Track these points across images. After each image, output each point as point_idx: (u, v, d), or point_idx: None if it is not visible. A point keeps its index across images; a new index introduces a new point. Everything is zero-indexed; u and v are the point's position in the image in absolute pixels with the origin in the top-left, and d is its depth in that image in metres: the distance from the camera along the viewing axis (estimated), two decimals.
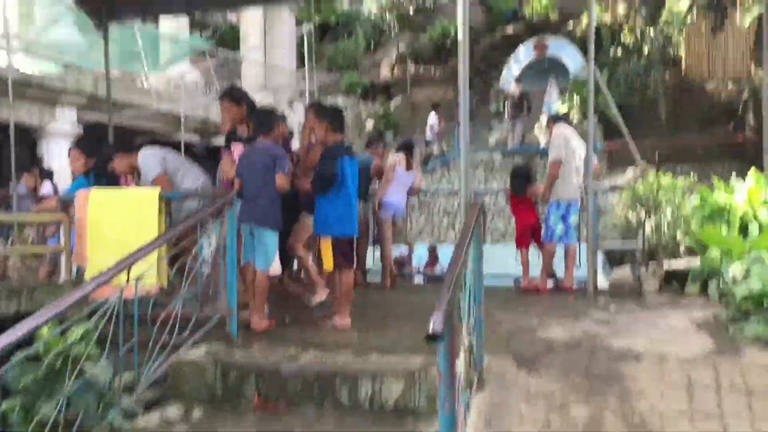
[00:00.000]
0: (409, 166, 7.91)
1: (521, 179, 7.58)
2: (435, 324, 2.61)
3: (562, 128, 7.30)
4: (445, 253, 17.34)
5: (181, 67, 16.57)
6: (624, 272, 7.27)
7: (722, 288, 6.40)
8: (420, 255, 15.63)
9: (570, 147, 7.11)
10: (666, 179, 6.56)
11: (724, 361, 3.94)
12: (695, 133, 18.60)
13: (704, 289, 6.72)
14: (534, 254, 7.43)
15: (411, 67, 21.83)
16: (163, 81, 16.43)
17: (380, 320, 5.57)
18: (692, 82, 19.73)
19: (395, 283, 7.91)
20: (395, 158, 7.86)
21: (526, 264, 7.29)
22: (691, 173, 17.41)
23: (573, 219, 7.08)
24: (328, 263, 5.22)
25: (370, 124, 20.09)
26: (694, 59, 20.00)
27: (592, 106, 6.84)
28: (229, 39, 23.02)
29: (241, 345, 4.62)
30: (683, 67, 20.06)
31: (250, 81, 20.96)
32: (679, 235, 6.48)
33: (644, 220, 6.54)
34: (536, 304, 6.08)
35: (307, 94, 18.92)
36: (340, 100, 20.97)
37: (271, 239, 5.12)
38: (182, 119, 15.09)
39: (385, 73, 22.31)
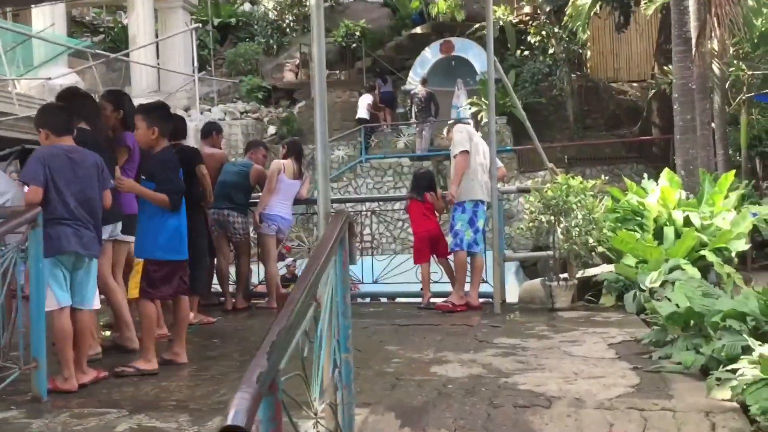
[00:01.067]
0: (296, 173, 6.98)
1: (422, 182, 6.77)
2: (236, 413, 1.68)
3: (462, 127, 6.57)
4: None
5: (56, 70, 15.06)
6: (535, 284, 6.57)
7: (639, 299, 5.78)
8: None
9: (473, 142, 6.38)
10: (575, 181, 5.86)
11: (651, 404, 3.19)
12: (603, 135, 18.44)
13: (620, 299, 6.11)
14: (435, 269, 6.65)
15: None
16: (35, 86, 14.89)
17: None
18: (598, 81, 19.62)
19: (283, 302, 6.94)
20: (278, 164, 6.91)
21: (426, 280, 6.47)
22: (602, 176, 17.37)
23: (481, 223, 6.32)
24: (133, 290, 4.24)
25: (272, 130, 19.01)
26: (600, 58, 19.91)
27: (492, 103, 6.11)
28: (123, 41, 21.47)
29: (50, 409, 3.56)
30: (589, 66, 19.93)
31: (141, 85, 19.54)
32: (591, 242, 5.82)
33: (554, 227, 5.85)
34: (435, 330, 5.26)
35: (198, 101, 17.71)
36: (240, 105, 19.80)
37: (96, 268, 4.08)
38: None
39: (288, 76, 21.28)
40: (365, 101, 18.41)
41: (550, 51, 18.39)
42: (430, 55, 19.57)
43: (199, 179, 5.82)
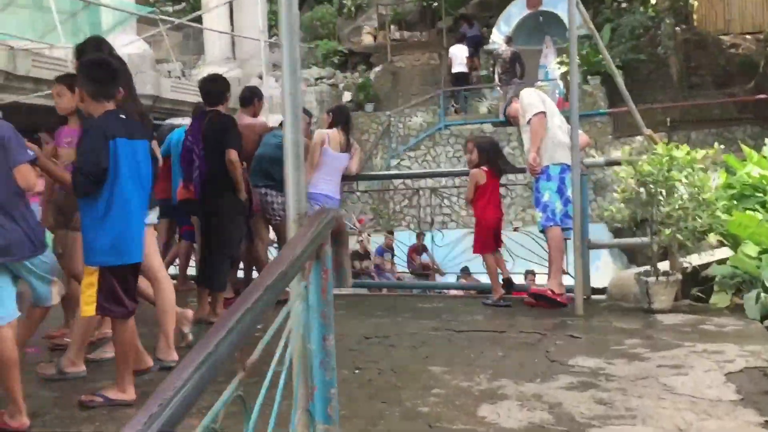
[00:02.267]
0: (342, 145, 6.03)
1: (490, 153, 5.69)
2: None
3: (530, 90, 5.49)
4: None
5: (124, 38, 14.64)
6: (628, 275, 5.39)
7: (765, 301, 4.53)
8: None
9: (547, 105, 5.27)
10: (680, 151, 4.61)
11: None
12: (712, 94, 16.49)
13: (737, 298, 4.87)
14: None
15: (394, 33, 19.78)
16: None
17: None
18: (707, 34, 17.55)
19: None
20: (322, 134, 5.97)
21: (494, 273, 5.41)
22: (714, 143, 15.41)
23: (571, 192, 5.19)
24: (87, 307, 3.31)
25: (347, 96, 18.11)
26: (709, 8, 17.80)
27: (574, 60, 4.91)
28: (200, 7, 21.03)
29: None
30: (696, 17, 17.87)
31: (214, 53, 19.04)
32: (699, 227, 4.60)
33: (652, 209, 4.66)
34: (499, 341, 4.22)
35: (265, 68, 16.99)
36: (315, 71, 18.98)
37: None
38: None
39: (366, 40, 20.26)
40: (461, 53, 17.10)
41: (652, 1, 16.54)
42: (516, 10, 18.06)
43: (227, 165, 4.99)
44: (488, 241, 5.44)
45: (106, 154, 3.06)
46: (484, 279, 7.37)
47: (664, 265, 5.09)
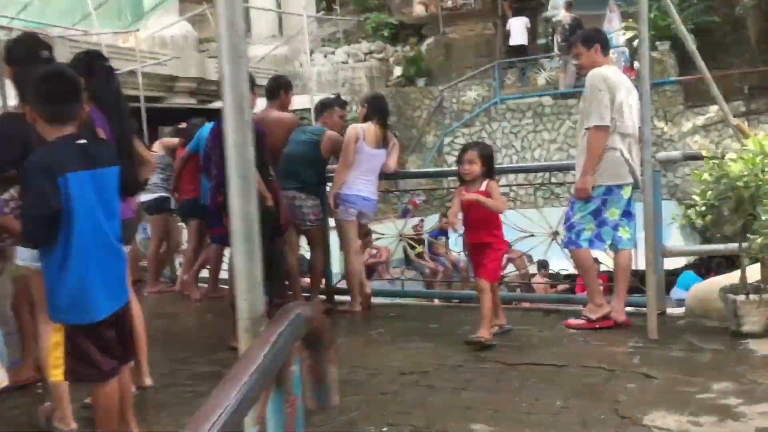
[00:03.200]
0: (379, 140, 5.40)
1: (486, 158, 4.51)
2: None
3: (602, 68, 4.58)
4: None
5: (166, 19, 14.27)
6: (711, 288, 4.63)
7: None
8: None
9: (617, 99, 4.44)
10: None
11: None
12: None
13: None
14: None
15: (447, 2, 18.87)
16: (145, 37, 14.17)
17: None
18: None
19: (368, 304, 5.52)
20: (356, 129, 5.35)
21: (489, 310, 4.28)
22: None
23: (613, 213, 4.48)
24: (54, 371, 2.75)
25: (398, 71, 17.38)
26: None
27: (645, 29, 4.11)
28: None
29: None
30: None
31: (260, 30, 18.54)
32: None
33: (741, 218, 3.90)
34: (556, 380, 3.57)
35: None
36: (364, 46, 18.27)
37: None
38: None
39: (418, 10, 19.40)
40: (520, 24, 16.18)
41: None
42: None
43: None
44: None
45: (56, 193, 2.51)
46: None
47: (754, 272, 4.31)
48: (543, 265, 10.29)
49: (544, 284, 10.35)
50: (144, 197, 6.98)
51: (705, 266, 13.07)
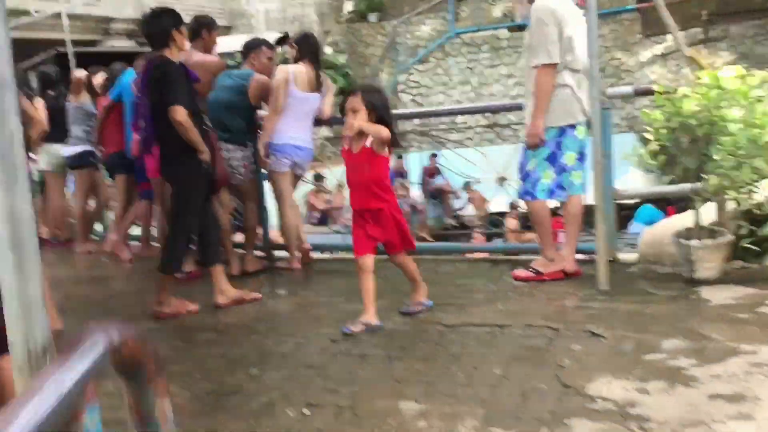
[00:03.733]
0: (312, 83, 4.98)
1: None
2: None
3: (542, 4, 4.18)
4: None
5: None
6: (664, 233, 4.38)
7: None
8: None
9: (565, 33, 4.07)
10: (733, 80, 3.49)
11: None
12: None
13: None
14: None
15: None
16: None
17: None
18: None
19: (308, 260, 5.19)
20: (285, 72, 4.92)
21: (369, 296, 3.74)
22: (754, 35, 13.80)
23: (569, 157, 4.17)
24: None
25: (349, 6, 16.68)
26: None
27: None
28: None
29: None
30: None
31: None
32: (756, 179, 3.55)
33: (697, 156, 3.60)
34: (497, 342, 3.29)
35: None
36: None
37: None
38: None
39: None
40: None
41: None
42: None
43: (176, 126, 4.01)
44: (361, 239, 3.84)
45: None
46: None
47: (709, 213, 4.05)
48: (513, 206, 10.02)
49: (516, 228, 10.11)
50: (66, 151, 6.51)
51: (665, 199, 12.99)
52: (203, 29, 5.27)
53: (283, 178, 5.00)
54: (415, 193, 14.02)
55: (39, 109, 6.79)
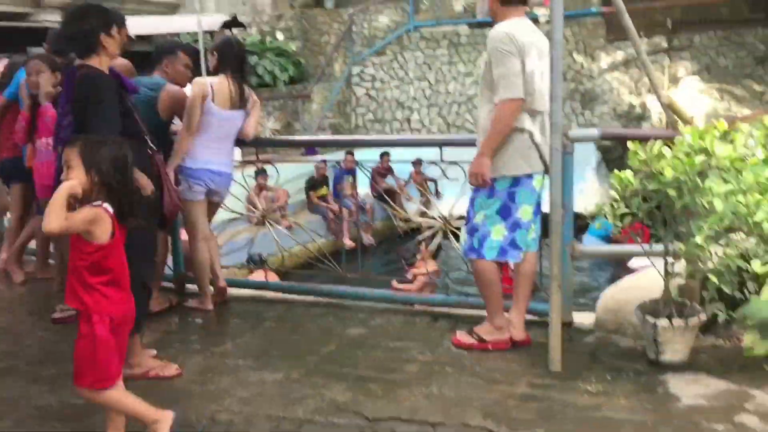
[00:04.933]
0: (234, 99, 4.28)
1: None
2: None
3: (510, 22, 3.55)
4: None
5: None
6: (626, 297, 3.84)
7: None
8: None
9: (527, 67, 3.45)
10: (722, 145, 2.92)
11: None
12: None
13: None
14: None
15: None
16: None
17: None
18: None
19: (223, 298, 4.53)
20: (202, 85, 4.21)
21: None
22: (718, 46, 13.40)
23: (525, 211, 3.58)
24: None
25: None
26: None
27: None
28: None
29: None
30: None
31: None
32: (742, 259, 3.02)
33: (672, 227, 3.05)
34: None
35: None
36: None
37: None
38: None
39: None
40: None
41: None
42: None
43: None
44: None
45: None
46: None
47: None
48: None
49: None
50: None
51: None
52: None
53: (195, 207, 4.31)
54: (363, 191, 13.42)
55: None
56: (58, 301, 4.47)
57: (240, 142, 4.44)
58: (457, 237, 4.18)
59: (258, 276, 8.32)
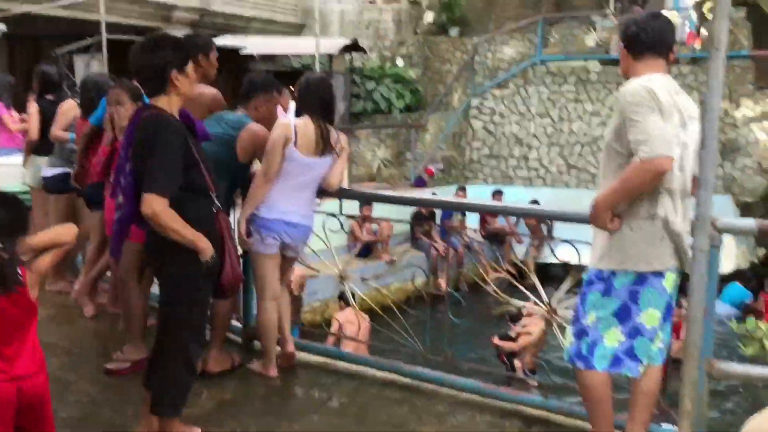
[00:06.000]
0: (318, 145, 3.78)
1: None
2: None
3: (649, 78, 2.83)
4: (517, 196, 12.98)
5: None
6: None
7: None
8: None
9: (670, 123, 2.72)
10: None
11: None
12: None
13: None
14: None
15: None
16: None
17: None
18: None
19: (290, 364, 4.04)
20: (285, 127, 3.74)
21: None
22: None
23: (651, 316, 2.85)
24: None
25: (429, 17, 15.42)
26: None
27: None
28: None
29: None
30: None
31: None
32: None
33: None
34: None
35: None
36: None
37: None
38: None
39: None
40: None
41: None
42: None
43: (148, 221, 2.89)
44: None
45: None
46: None
47: None
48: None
49: None
50: (46, 171, 5.58)
51: (757, 280, 11.28)
52: (199, 55, 4.17)
53: (266, 262, 3.83)
54: (471, 231, 12.73)
55: (32, 114, 5.88)
56: (117, 345, 4.14)
57: (321, 191, 3.94)
58: (563, 329, 3.48)
59: (348, 316, 7.91)
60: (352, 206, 6.44)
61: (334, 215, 4.16)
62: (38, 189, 5.89)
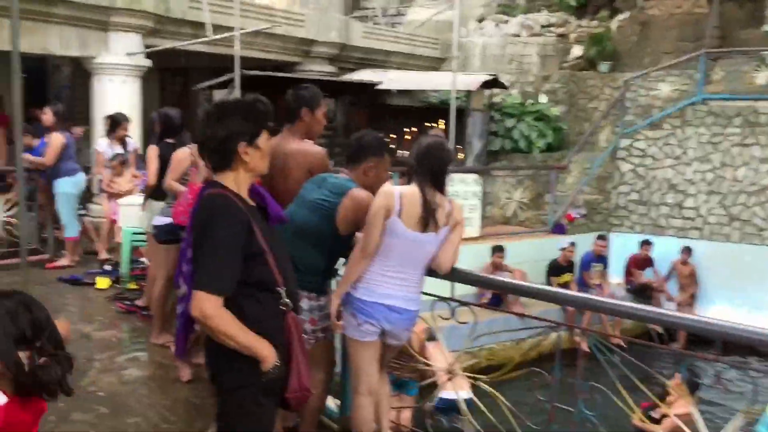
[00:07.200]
0: (429, 219, 3.22)
1: None
2: None
3: None
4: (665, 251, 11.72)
5: None
6: None
7: None
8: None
9: None
10: None
11: None
12: None
13: None
14: None
15: None
16: None
17: None
18: None
19: None
20: (388, 196, 3.21)
21: None
22: None
23: None
24: None
25: (577, 51, 14.47)
26: None
27: None
28: None
29: None
30: None
31: None
32: None
33: None
34: None
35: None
36: (542, 17, 15.47)
37: None
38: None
39: None
40: None
41: None
42: None
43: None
44: None
45: None
46: None
47: None
48: None
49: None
50: (157, 220, 5.40)
51: None
52: (303, 109, 3.77)
53: (361, 351, 3.31)
54: (614, 284, 11.63)
55: (151, 158, 5.78)
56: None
57: (431, 272, 3.37)
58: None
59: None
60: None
61: (444, 299, 3.57)
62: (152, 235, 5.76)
